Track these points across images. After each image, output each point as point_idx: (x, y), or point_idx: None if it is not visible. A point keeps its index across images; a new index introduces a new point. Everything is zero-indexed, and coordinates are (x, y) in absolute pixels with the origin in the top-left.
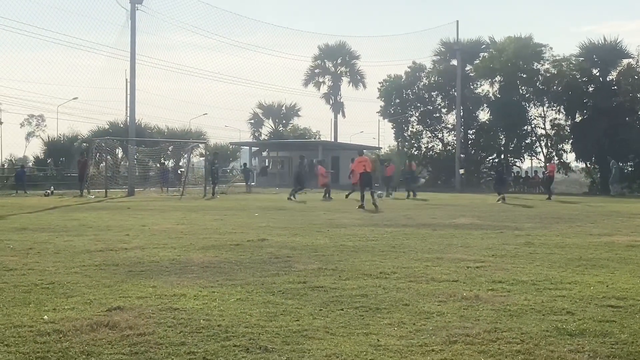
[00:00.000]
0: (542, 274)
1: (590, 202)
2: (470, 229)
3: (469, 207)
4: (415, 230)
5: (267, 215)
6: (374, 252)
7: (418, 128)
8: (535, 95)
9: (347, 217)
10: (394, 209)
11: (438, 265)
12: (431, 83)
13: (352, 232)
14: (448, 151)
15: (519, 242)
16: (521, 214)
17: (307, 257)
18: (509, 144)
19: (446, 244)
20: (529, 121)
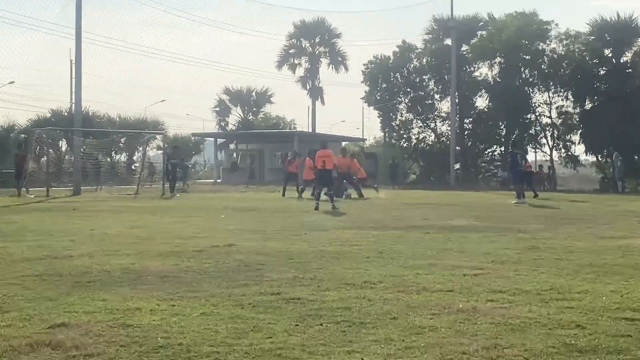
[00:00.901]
0: (548, 283)
1: (602, 200)
2: (468, 232)
3: (466, 207)
4: (405, 233)
5: (236, 216)
6: (358, 258)
7: (408, 117)
8: (540, 79)
9: (328, 218)
10: (381, 209)
11: (431, 273)
12: (423, 65)
13: (334, 236)
14: (442, 143)
15: (522, 246)
16: (525, 214)
17: (281, 264)
18: (510, 134)
19: (440, 248)
20: (532, 109)
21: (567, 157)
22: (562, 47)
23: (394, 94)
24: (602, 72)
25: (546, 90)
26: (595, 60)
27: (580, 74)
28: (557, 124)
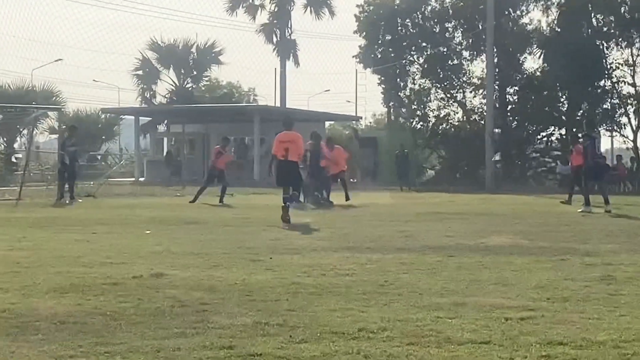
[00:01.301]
0: (630, 330)
1: None
2: (511, 255)
3: (509, 218)
4: (419, 257)
5: (167, 232)
6: (349, 294)
7: (423, 84)
8: (619, 28)
9: (303, 235)
10: (383, 221)
11: (457, 317)
12: (445, 8)
13: (312, 262)
14: (474, 123)
15: (591, 275)
16: (595, 229)
17: (234, 303)
18: (575, 110)
19: (470, 279)
20: (608, 73)
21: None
22: None
23: (402, 51)
24: None
25: (628, 46)
26: None
27: None
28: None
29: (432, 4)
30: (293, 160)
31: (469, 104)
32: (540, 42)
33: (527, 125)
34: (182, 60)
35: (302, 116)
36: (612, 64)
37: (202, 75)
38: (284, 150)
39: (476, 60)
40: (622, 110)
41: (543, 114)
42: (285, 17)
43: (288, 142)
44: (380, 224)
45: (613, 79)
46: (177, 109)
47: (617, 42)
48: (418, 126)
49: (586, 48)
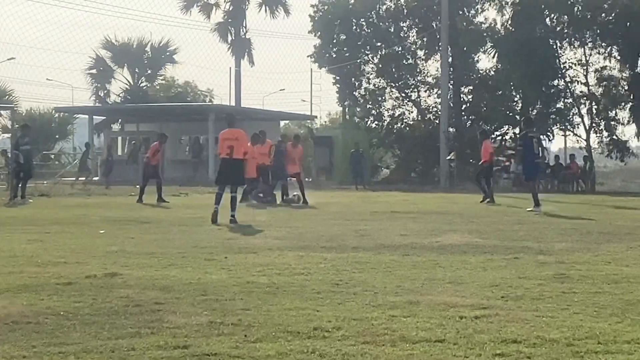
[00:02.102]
0: (583, 328)
1: None
2: (466, 253)
3: (464, 216)
4: (374, 256)
5: (122, 232)
6: (303, 293)
7: (378, 84)
8: (573, 28)
9: (258, 234)
10: (339, 220)
11: (412, 315)
12: (400, 7)
13: (267, 261)
14: (428, 122)
15: (545, 274)
16: (549, 227)
17: (189, 303)
18: (528, 109)
19: (425, 278)
20: (561, 72)
21: (610, 142)
22: None
23: (357, 50)
24: None
25: (581, 45)
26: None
27: (631, 21)
28: (597, 94)
29: (386, 4)
30: (238, 158)
31: (424, 103)
32: (495, 42)
33: (481, 124)
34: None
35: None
36: (566, 64)
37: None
38: (227, 149)
39: (431, 59)
40: (575, 109)
41: (497, 113)
42: (240, 16)
43: (232, 140)
44: (335, 223)
45: (566, 79)
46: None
47: (571, 41)
48: (373, 125)
49: (540, 48)
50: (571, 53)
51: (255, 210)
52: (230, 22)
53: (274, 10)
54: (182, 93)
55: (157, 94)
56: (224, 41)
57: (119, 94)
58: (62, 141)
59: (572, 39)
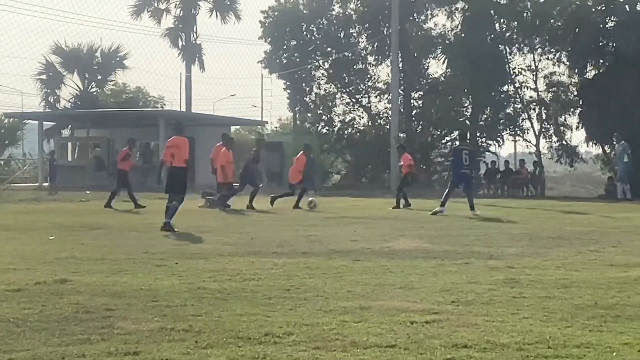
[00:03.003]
0: (533, 332)
1: (610, 210)
2: (416, 259)
3: (415, 222)
4: (325, 261)
5: (71, 238)
6: (254, 299)
7: (329, 89)
8: (522, 34)
9: (209, 240)
10: (289, 226)
11: (363, 321)
12: (349, 13)
13: (218, 266)
14: (379, 128)
15: (495, 278)
16: (499, 232)
17: (140, 309)
18: (478, 115)
19: (376, 283)
20: (511, 78)
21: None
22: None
23: (307, 56)
24: (611, 25)
25: (530, 51)
26: (600, 7)
27: (580, 27)
28: (546, 99)
29: (336, 10)
30: (178, 165)
31: (374, 109)
32: (445, 47)
33: (431, 129)
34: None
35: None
36: (515, 69)
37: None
38: (170, 156)
39: (381, 65)
40: (524, 115)
41: (447, 118)
42: (190, 21)
43: (174, 148)
44: (286, 228)
45: (516, 84)
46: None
47: (520, 47)
48: (324, 131)
49: (490, 53)
50: (521, 59)
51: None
52: (180, 27)
53: (225, 15)
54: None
55: (108, 100)
56: (175, 47)
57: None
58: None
59: (521, 44)
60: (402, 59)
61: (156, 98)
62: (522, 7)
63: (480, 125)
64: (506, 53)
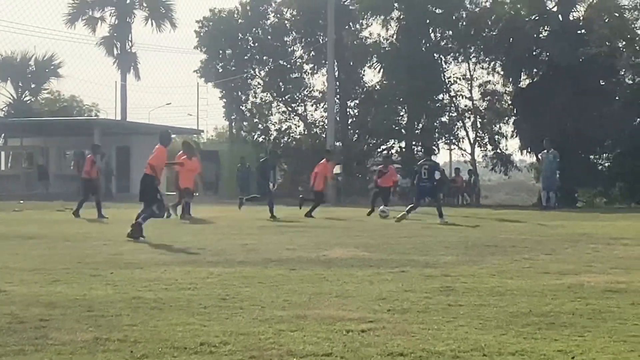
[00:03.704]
0: (468, 340)
1: (544, 219)
2: (352, 267)
3: (351, 230)
4: (261, 270)
5: (5, 248)
6: (190, 308)
7: (265, 98)
8: (457, 43)
9: (145, 250)
10: (226, 234)
11: (299, 329)
12: (285, 22)
13: (154, 276)
14: (315, 136)
15: (431, 286)
16: (435, 241)
17: (75, 320)
18: (414, 123)
19: (312, 292)
20: (446, 86)
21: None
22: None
23: (243, 65)
24: (545, 35)
25: (465, 60)
26: (534, 17)
27: (514, 36)
28: (481, 108)
29: (272, 19)
30: (146, 173)
31: (310, 118)
32: (380, 56)
33: (367, 138)
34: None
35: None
36: (450, 78)
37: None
38: (146, 164)
39: (317, 73)
40: (460, 123)
41: (383, 127)
42: (125, 29)
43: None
44: (222, 237)
45: (451, 93)
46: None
47: (455, 56)
48: (260, 139)
49: (425, 62)
50: (456, 68)
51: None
52: (116, 35)
53: (161, 24)
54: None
55: (42, 108)
56: (110, 55)
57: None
58: None
59: (456, 53)
60: (338, 67)
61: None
62: (457, 16)
63: (416, 134)
64: (441, 62)
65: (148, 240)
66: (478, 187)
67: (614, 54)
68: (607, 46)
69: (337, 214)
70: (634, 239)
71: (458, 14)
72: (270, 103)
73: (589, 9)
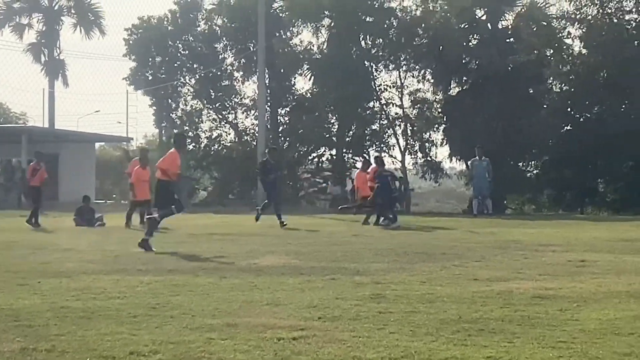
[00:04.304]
0: (399, 347)
1: (474, 226)
2: (283, 275)
3: (282, 238)
4: (191, 279)
5: None
6: (120, 317)
7: (195, 105)
8: (388, 51)
9: (73, 258)
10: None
11: (229, 338)
12: (215, 29)
13: (82, 285)
14: (246, 144)
15: (362, 294)
16: (365, 248)
17: (1, 329)
18: (344, 131)
19: (243, 300)
20: (377, 94)
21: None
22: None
23: (173, 72)
24: (474, 43)
25: (396, 68)
26: (463, 25)
27: (444, 44)
28: (412, 116)
29: (202, 26)
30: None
31: (241, 125)
32: (311, 64)
33: (298, 146)
34: None
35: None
36: (381, 86)
37: None
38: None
39: (248, 81)
40: (390, 131)
41: (314, 134)
42: (53, 36)
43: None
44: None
45: (382, 101)
46: None
47: (386, 64)
48: (190, 147)
49: (355, 70)
50: (386, 75)
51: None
52: (43, 42)
53: (89, 30)
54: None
55: None
56: (38, 62)
57: None
58: None
59: (387, 61)
60: (269, 75)
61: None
62: (388, 24)
63: (347, 142)
64: (372, 70)
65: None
66: (409, 195)
67: (542, 62)
68: (535, 54)
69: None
70: (562, 245)
71: (389, 22)
72: (201, 111)
73: (517, 17)
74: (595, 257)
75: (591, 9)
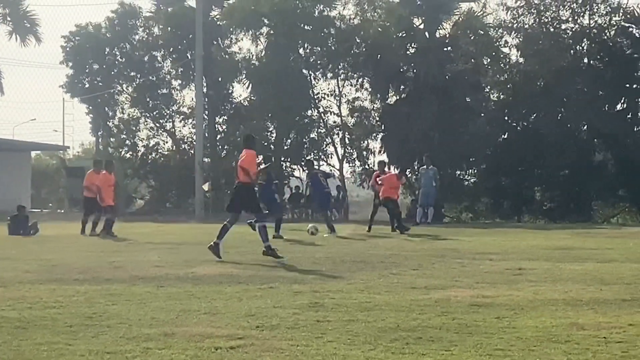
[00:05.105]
0: (337, 356)
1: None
2: (221, 284)
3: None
4: (128, 287)
5: None
6: (55, 327)
7: (132, 114)
8: (326, 59)
9: (9, 266)
10: (92, 252)
11: (167, 347)
12: (154, 37)
13: (18, 294)
14: (183, 152)
15: (299, 303)
16: (303, 256)
17: None
18: (282, 139)
19: (180, 309)
20: (315, 102)
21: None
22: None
23: (111, 80)
24: (412, 51)
25: (334, 77)
26: (401, 34)
27: (382, 53)
28: (350, 124)
29: (140, 34)
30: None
31: (179, 134)
32: (249, 72)
33: (236, 154)
34: None
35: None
36: (319, 94)
37: None
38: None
39: (186, 89)
40: (328, 139)
41: None
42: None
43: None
44: (88, 254)
45: (320, 109)
46: None
47: (324, 72)
48: (127, 155)
49: (294, 78)
50: (325, 84)
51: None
52: None
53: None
54: None
55: None
56: None
57: None
58: None
59: (325, 69)
60: (207, 83)
61: None
62: (326, 33)
63: (285, 150)
64: (310, 78)
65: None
66: (347, 203)
67: (479, 71)
68: (472, 63)
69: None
70: (499, 253)
71: (327, 30)
72: (138, 119)
73: (455, 26)
74: (532, 265)
75: (528, 18)
